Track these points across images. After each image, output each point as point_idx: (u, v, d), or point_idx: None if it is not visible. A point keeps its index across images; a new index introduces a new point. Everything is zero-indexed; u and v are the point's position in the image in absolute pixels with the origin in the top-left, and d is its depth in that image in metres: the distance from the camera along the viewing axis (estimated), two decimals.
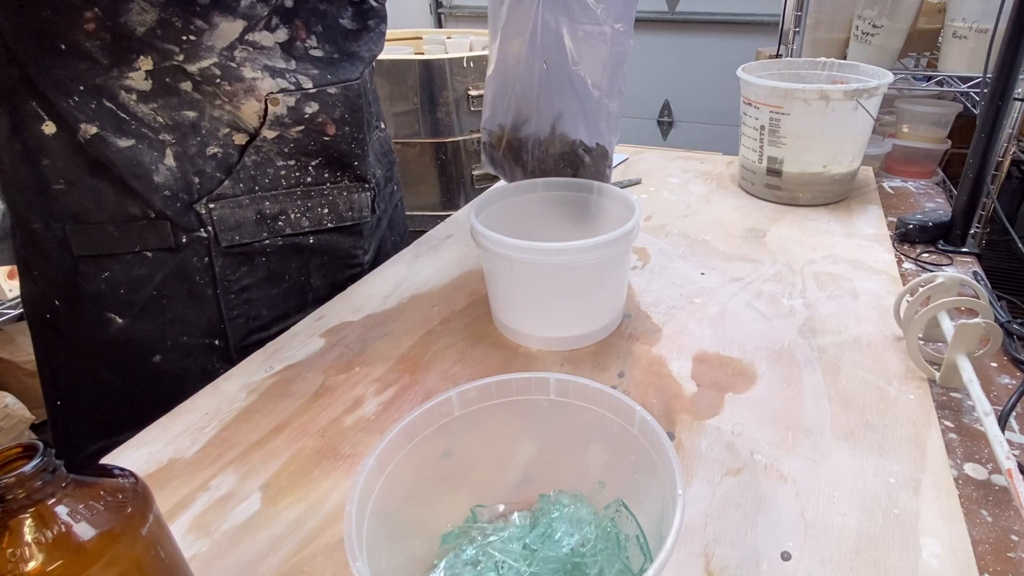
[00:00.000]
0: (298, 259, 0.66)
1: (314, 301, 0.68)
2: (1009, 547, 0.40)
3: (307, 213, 0.64)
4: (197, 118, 0.56)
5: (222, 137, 0.58)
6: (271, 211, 0.62)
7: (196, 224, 0.58)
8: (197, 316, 0.61)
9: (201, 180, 0.58)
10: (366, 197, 0.69)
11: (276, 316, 0.66)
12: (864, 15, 1.16)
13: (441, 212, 1.95)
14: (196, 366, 0.62)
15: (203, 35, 0.53)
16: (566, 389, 0.39)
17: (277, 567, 0.40)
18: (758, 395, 0.53)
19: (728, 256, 0.76)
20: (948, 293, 0.56)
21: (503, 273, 0.58)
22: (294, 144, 0.61)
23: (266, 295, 0.64)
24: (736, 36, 2.52)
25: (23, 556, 0.25)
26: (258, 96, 0.57)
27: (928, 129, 1.13)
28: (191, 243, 0.59)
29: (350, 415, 0.52)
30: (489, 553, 0.36)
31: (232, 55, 0.55)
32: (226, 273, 0.61)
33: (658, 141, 2.87)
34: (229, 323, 0.62)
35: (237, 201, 0.60)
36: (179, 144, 0.56)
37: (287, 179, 0.62)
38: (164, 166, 0.56)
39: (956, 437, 0.48)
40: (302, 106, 0.60)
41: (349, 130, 0.64)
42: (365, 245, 0.73)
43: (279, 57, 0.58)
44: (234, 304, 0.62)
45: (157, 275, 0.58)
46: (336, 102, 0.62)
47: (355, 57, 0.64)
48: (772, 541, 0.40)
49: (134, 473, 0.30)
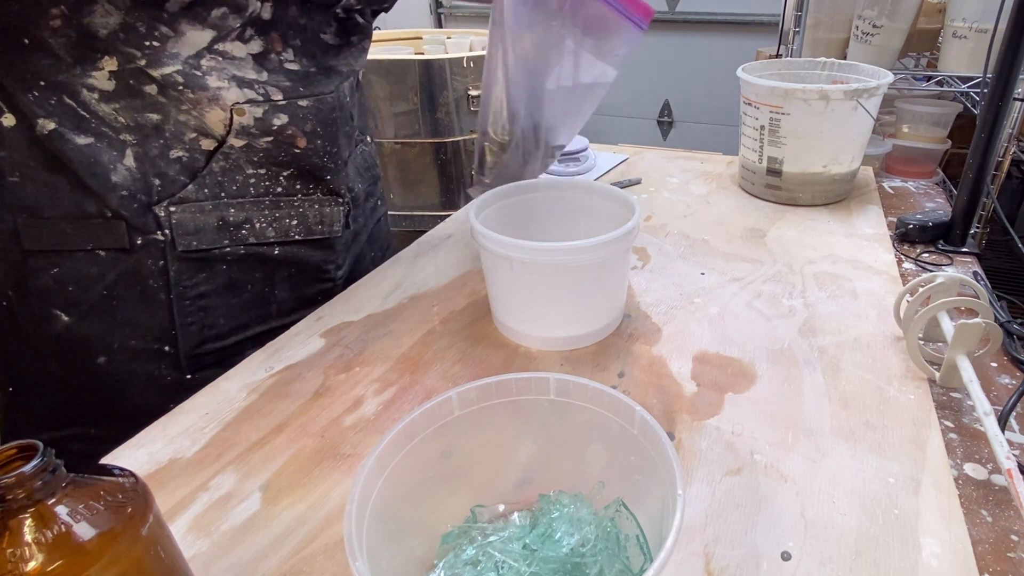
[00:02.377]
0: (262, 269, 0.64)
1: (278, 314, 0.66)
2: (1009, 547, 0.40)
3: (274, 223, 0.63)
4: (161, 121, 0.55)
5: (188, 141, 0.57)
6: (235, 219, 0.60)
7: (153, 226, 0.57)
8: (148, 320, 0.59)
9: (162, 182, 0.57)
10: (338, 211, 0.67)
11: (235, 326, 0.64)
12: (864, 15, 1.16)
13: (441, 212, 1.95)
14: (142, 371, 0.60)
15: (167, 42, 0.53)
16: (566, 389, 0.39)
17: (277, 567, 0.40)
18: (758, 395, 0.53)
19: (728, 256, 0.76)
20: (948, 293, 0.56)
21: (503, 273, 0.58)
22: (264, 154, 0.60)
23: (224, 304, 0.62)
24: (736, 36, 2.52)
25: (23, 556, 0.25)
26: (223, 105, 0.56)
27: (928, 129, 1.13)
28: (146, 245, 0.57)
29: (350, 415, 0.52)
30: (489, 553, 0.36)
31: (198, 63, 0.54)
32: (181, 278, 0.59)
33: (658, 141, 2.87)
34: (181, 329, 0.60)
35: (199, 206, 0.58)
36: (140, 145, 0.55)
37: (256, 188, 0.61)
38: (123, 166, 0.55)
39: (956, 437, 0.48)
40: (270, 117, 0.58)
41: (321, 143, 0.63)
42: (338, 260, 0.71)
43: (250, 68, 0.57)
44: (188, 311, 0.60)
45: (109, 275, 0.57)
46: (307, 115, 0.61)
47: (332, 71, 0.63)
48: (772, 541, 0.40)
49: (134, 473, 0.30)
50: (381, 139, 1.89)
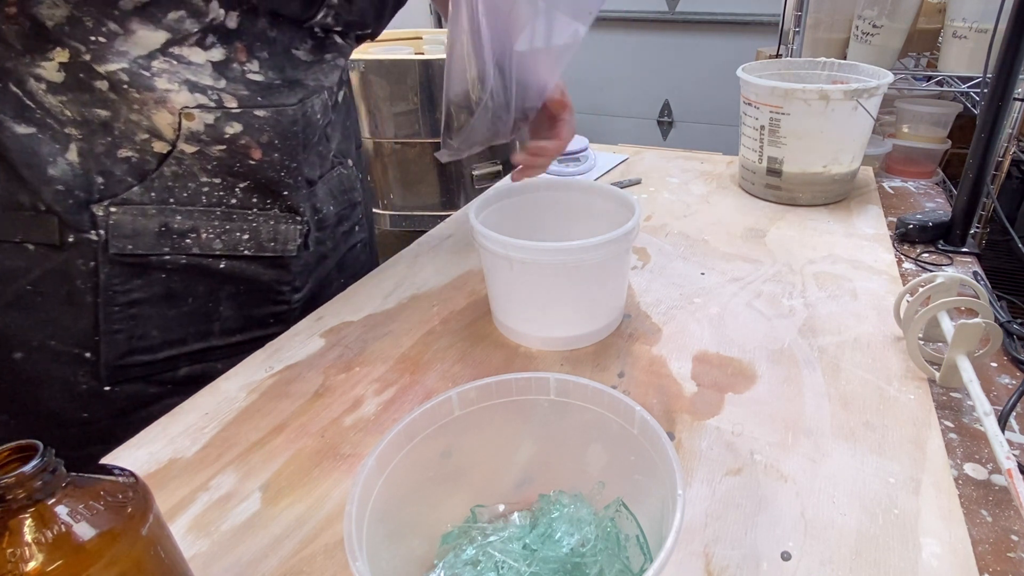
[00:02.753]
0: (205, 283, 0.61)
1: (221, 332, 0.63)
2: (1009, 547, 0.40)
3: (222, 235, 0.59)
4: (110, 118, 0.53)
5: (139, 142, 0.55)
6: (180, 226, 0.57)
7: (88, 225, 0.54)
8: (71, 322, 0.56)
9: (107, 181, 0.54)
10: (295, 230, 0.64)
11: (169, 340, 0.60)
12: (864, 15, 1.16)
13: (441, 212, 1.95)
14: (59, 374, 0.57)
15: (115, 39, 0.51)
16: (566, 389, 0.39)
17: (277, 567, 0.40)
18: (758, 395, 0.53)
19: (728, 256, 0.76)
20: (948, 293, 0.56)
21: (503, 273, 0.58)
22: (218, 163, 0.57)
23: (159, 315, 0.59)
24: (736, 36, 2.52)
25: (23, 556, 0.25)
26: (170, 108, 0.54)
27: (928, 129, 1.13)
28: (78, 244, 0.54)
29: (350, 415, 0.52)
30: (489, 553, 0.36)
31: (148, 64, 0.52)
32: (112, 283, 0.56)
33: (658, 141, 2.87)
34: (106, 337, 0.57)
35: (142, 209, 0.56)
36: (86, 141, 0.53)
37: (209, 197, 0.58)
38: (64, 160, 0.53)
39: (956, 437, 0.48)
40: (222, 125, 0.56)
41: (279, 157, 0.60)
42: (295, 282, 0.66)
43: (208, 75, 0.55)
44: (116, 317, 0.57)
45: (35, 270, 0.54)
46: (264, 126, 0.58)
47: (297, 84, 0.60)
48: (772, 541, 0.40)
49: (134, 473, 0.30)
50: (381, 139, 1.89)
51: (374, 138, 1.90)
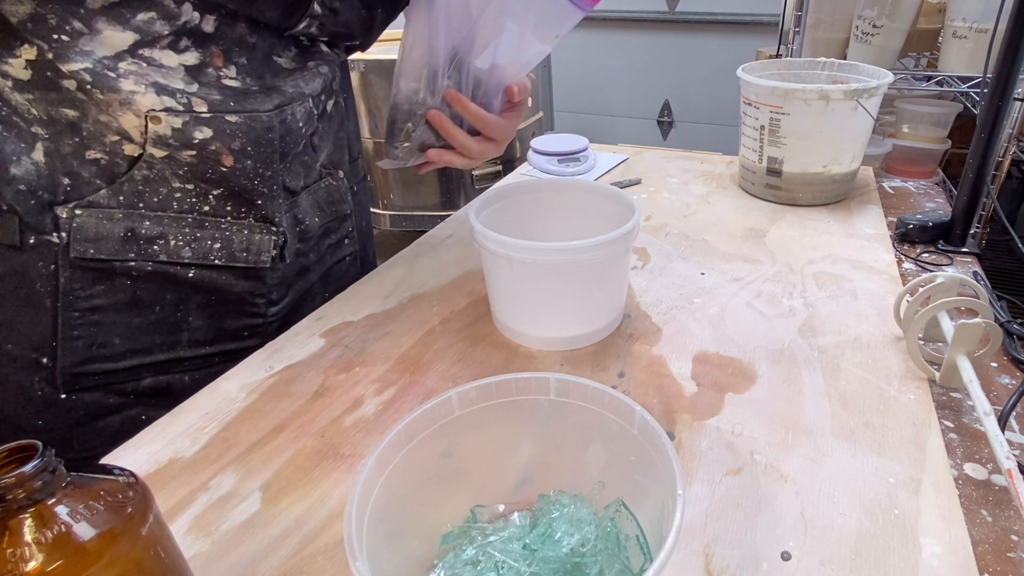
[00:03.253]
0: (173, 291, 0.58)
1: (190, 343, 0.61)
2: (1009, 547, 0.40)
3: (192, 243, 0.57)
4: (78, 118, 0.52)
5: (109, 144, 0.53)
6: (148, 232, 0.55)
7: (50, 227, 0.52)
8: (29, 326, 0.54)
9: (73, 183, 0.53)
10: (269, 241, 0.61)
11: (133, 348, 0.58)
12: (864, 15, 1.16)
13: (441, 212, 1.95)
14: (13, 379, 0.55)
15: (80, 38, 0.49)
16: (566, 389, 0.39)
17: (277, 567, 0.40)
18: (758, 395, 0.53)
19: (728, 256, 0.76)
20: (948, 293, 0.56)
21: (503, 273, 0.58)
22: (189, 168, 0.55)
23: (123, 322, 0.57)
24: (736, 36, 2.52)
25: (23, 556, 0.25)
26: (135, 111, 0.52)
27: (928, 129, 1.13)
28: (39, 246, 0.53)
29: (350, 415, 0.52)
30: (489, 553, 0.36)
31: (115, 65, 0.51)
32: (73, 287, 0.54)
33: (658, 141, 2.87)
34: (64, 343, 0.55)
35: (108, 213, 0.54)
36: (52, 141, 0.52)
37: (181, 203, 0.56)
38: (29, 160, 0.51)
39: (956, 437, 0.48)
40: (190, 130, 0.54)
41: (252, 164, 0.57)
42: (270, 295, 0.64)
43: (179, 79, 0.53)
44: (76, 323, 0.55)
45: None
46: (236, 132, 0.56)
47: (274, 91, 0.58)
48: (772, 541, 0.40)
49: (134, 473, 0.30)
50: (381, 139, 1.89)
51: (374, 138, 1.90)
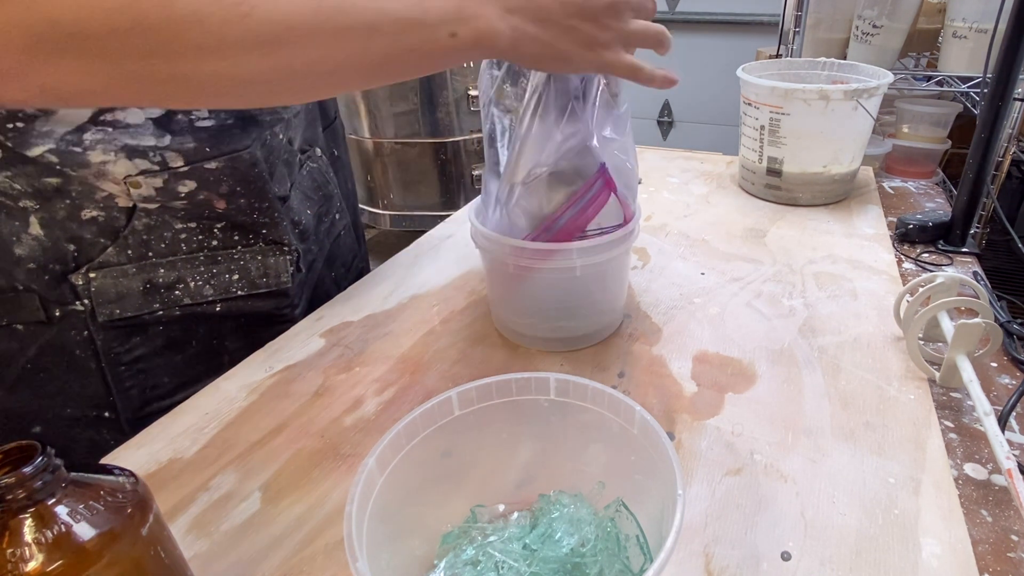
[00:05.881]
0: (205, 325, 0.58)
1: (231, 363, 0.61)
2: (1009, 547, 0.40)
3: (211, 280, 0.56)
4: (62, 183, 0.49)
5: (101, 200, 0.51)
6: (165, 280, 0.54)
7: (70, 297, 0.51)
8: (81, 389, 0.54)
9: (79, 247, 0.51)
10: (284, 261, 0.60)
11: (182, 382, 0.58)
12: (864, 15, 1.16)
13: (441, 212, 1.95)
14: (83, 437, 0.56)
15: (35, 121, 0.46)
16: (566, 389, 0.39)
17: (277, 567, 0.40)
18: (758, 395, 0.53)
19: (728, 256, 0.76)
20: (948, 293, 0.56)
21: (503, 273, 0.58)
22: (185, 211, 0.54)
23: (167, 363, 0.57)
24: (736, 36, 2.52)
25: (23, 556, 0.25)
26: (114, 180, 0.50)
27: (928, 129, 1.13)
28: (66, 316, 0.52)
29: (350, 415, 0.52)
30: (489, 553, 0.36)
31: (79, 139, 0.48)
32: (111, 346, 0.54)
33: (658, 141, 2.87)
34: (120, 395, 0.55)
35: (122, 270, 0.52)
36: (44, 210, 0.49)
37: (188, 243, 0.55)
38: (28, 236, 0.49)
39: (956, 437, 0.48)
40: (173, 186, 0.52)
41: (245, 202, 0.56)
42: (293, 301, 0.64)
43: (149, 134, 0.50)
44: (124, 376, 0.55)
45: (30, 348, 0.52)
46: (220, 177, 0.53)
47: (250, 123, 0.55)
48: (772, 541, 0.40)
49: (134, 473, 0.30)
50: (381, 139, 1.89)
51: (374, 138, 1.90)
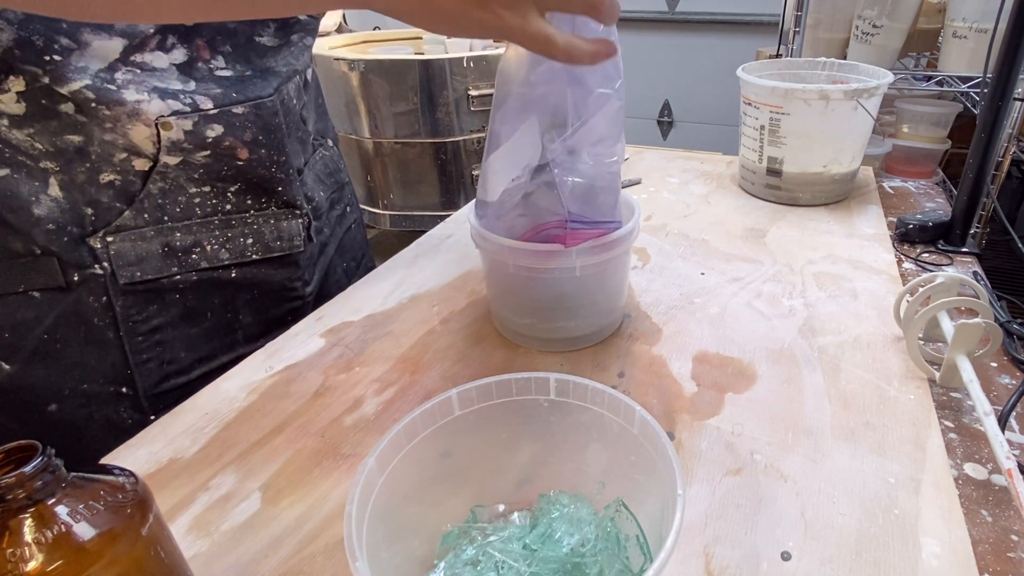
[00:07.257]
0: (220, 295, 0.59)
1: (245, 340, 0.62)
2: (1009, 547, 0.40)
3: (227, 244, 0.58)
4: (84, 142, 0.50)
5: (118, 163, 0.52)
6: (182, 243, 0.55)
7: (90, 260, 0.52)
8: (98, 362, 0.54)
9: (96, 211, 0.52)
10: (297, 224, 0.62)
11: (198, 358, 0.59)
12: (864, 15, 1.16)
13: (441, 212, 1.95)
14: (99, 415, 0.56)
15: (71, 55, 0.47)
16: (566, 389, 0.39)
17: (277, 567, 0.40)
18: (758, 395, 0.53)
19: (728, 256, 0.76)
20: (948, 293, 0.56)
21: (503, 273, 0.58)
22: (204, 170, 0.55)
23: (183, 335, 0.58)
24: (736, 36, 2.52)
25: (23, 556, 0.25)
26: (146, 120, 0.51)
27: (928, 129, 1.13)
28: (85, 281, 0.52)
29: (350, 415, 0.52)
30: (489, 553, 0.36)
31: (112, 76, 0.49)
32: (130, 313, 0.54)
33: (658, 141, 2.87)
34: (137, 368, 0.56)
35: (140, 233, 0.53)
36: (64, 172, 0.50)
37: (202, 207, 0.56)
38: (47, 197, 0.50)
39: (956, 437, 0.48)
40: (202, 129, 0.53)
41: (266, 153, 0.57)
42: (304, 276, 0.66)
43: (175, 79, 0.52)
44: (142, 347, 0.55)
45: (47, 317, 0.52)
46: (246, 123, 0.55)
47: (269, 72, 0.58)
48: (772, 541, 0.40)
49: (134, 473, 0.30)
50: (381, 139, 1.89)
51: (374, 138, 1.90)
